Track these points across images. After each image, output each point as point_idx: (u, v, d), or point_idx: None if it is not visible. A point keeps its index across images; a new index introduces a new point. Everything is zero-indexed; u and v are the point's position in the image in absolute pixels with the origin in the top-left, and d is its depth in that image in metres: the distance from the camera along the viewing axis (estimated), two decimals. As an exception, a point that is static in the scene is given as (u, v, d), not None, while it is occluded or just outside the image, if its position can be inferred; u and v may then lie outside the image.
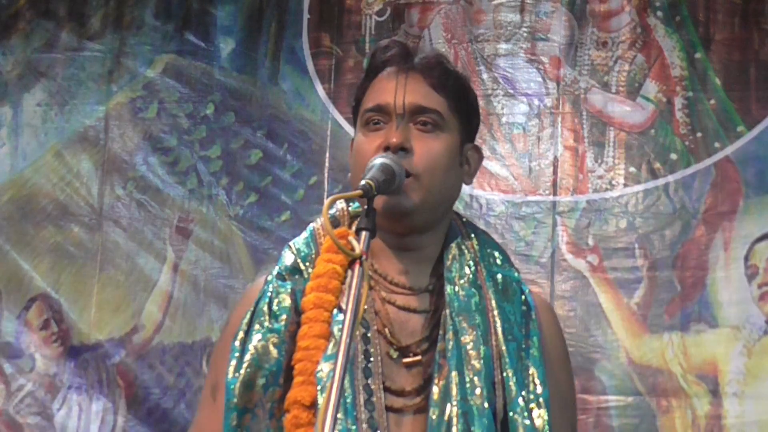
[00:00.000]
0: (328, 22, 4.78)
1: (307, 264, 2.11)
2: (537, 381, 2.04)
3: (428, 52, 2.17)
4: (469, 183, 2.18)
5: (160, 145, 4.84)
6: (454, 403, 1.98)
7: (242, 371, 2.01)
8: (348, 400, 1.98)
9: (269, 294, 2.08)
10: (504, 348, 2.04)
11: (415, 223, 2.09)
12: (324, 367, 1.98)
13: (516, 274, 2.14)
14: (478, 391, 1.99)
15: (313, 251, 2.12)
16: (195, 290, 4.69)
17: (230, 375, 2.02)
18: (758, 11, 4.40)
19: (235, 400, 2.00)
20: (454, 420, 1.97)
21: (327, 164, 4.65)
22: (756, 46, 4.39)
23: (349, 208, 2.15)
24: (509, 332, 2.06)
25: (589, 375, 4.26)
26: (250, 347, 2.03)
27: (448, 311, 2.05)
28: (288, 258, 2.13)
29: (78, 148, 4.89)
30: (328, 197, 4.54)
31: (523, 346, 2.06)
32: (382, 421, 2.00)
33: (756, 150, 4.31)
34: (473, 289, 2.08)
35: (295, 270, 2.11)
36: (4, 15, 5.02)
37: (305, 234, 2.17)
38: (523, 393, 2.02)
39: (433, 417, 1.98)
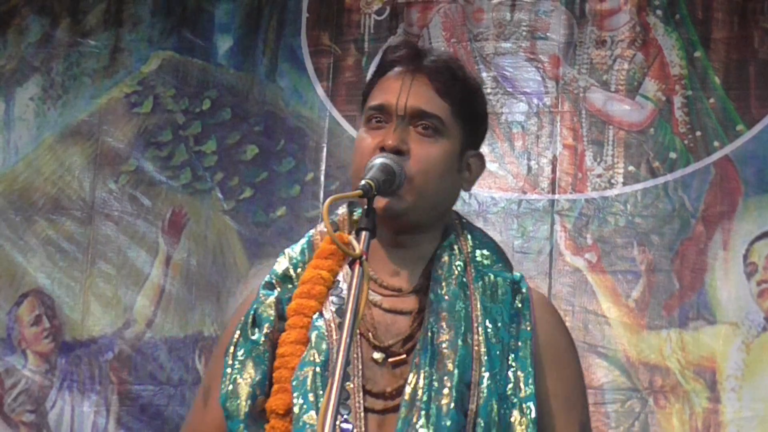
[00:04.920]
0: (327, 20, 4.78)
1: (299, 271, 2.10)
2: (522, 385, 2.00)
3: (440, 55, 2.14)
4: (467, 190, 2.16)
5: (155, 139, 4.82)
6: (419, 404, 1.96)
7: (229, 384, 2.03)
8: (320, 403, 1.96)
9: (255, 305, 2.08)
10: (484, 349, 2.00)
11: (407, 223, 2.07)
12: (300, 375, 1.98)
13: (508, 274, 2.10)
14: (445, 391, 1.96)
15: (307, 258, 2.11)
16: (187, 284, 4.66)
17: (222, 389, 2.03)
18: (757, 10, 4.39)
19: (227, 414, 2.02)
20: (415, 420, 1.95)
21: (324, 161, 4.64)
22: (755, 45, 4.38)
23: (354, 216, 2.13)
24: (494, 334, 2.02)
25: (586, 371, 4.21)
26: (237, 359, 2.04)
27: (428, 311, 2.03)
28: (281, 265, 2.12)
29: (71, 142, 4.87)
30: (324, 194, 4.60)
31: (512, 347, 2.03)
32: (359, 424, 1.98)
33: (755, 149, 4.30)
34: (459, 290, 2.05)
35: (286, 277, 2.10)
36: (0, 10, 5.01)
37: (303, 241, 2.14)
38: (509, 394, 1.99)
39: (401, 417, 1.96)
